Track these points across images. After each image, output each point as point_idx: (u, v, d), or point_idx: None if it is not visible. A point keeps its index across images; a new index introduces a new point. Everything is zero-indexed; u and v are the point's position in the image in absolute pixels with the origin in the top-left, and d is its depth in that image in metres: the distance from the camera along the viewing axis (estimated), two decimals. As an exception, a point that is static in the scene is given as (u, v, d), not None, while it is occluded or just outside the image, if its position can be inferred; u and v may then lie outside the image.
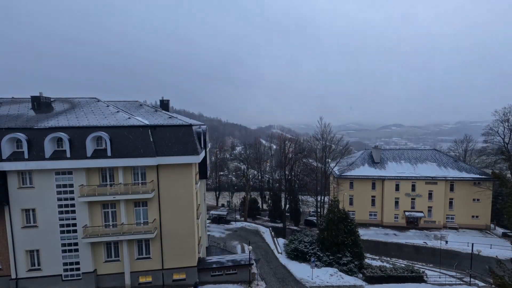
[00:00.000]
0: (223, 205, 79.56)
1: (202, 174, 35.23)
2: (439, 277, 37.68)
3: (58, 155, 26.22)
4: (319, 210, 59.15)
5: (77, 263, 27.97)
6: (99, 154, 26.91)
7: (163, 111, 34.19)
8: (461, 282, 36.77)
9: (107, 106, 31.65)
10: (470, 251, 38.34)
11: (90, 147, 26.56)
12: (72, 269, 27.97)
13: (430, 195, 60.54)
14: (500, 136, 60.61)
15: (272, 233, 51.40)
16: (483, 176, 59.27)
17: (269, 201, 71.46)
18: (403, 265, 39.01)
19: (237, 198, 78.28)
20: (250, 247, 34.62)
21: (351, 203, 63.76)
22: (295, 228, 61.59)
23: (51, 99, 32.38)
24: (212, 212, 61.91)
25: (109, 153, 26.91)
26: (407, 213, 60.66)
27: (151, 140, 27.91)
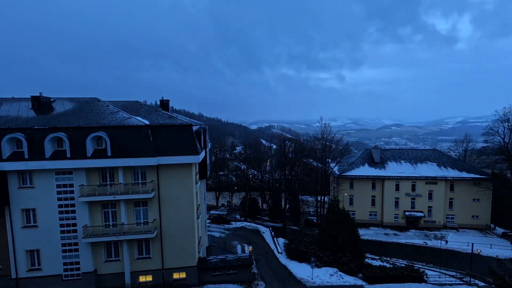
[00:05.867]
0: (223, 205, 79.52)
1: (202, 174, 35.23)
2: (439, 277, 37.75)
3: (58, 155, 26.21)
4: (319, 210, 59.20)
5: (77, 263, 27.97)
6: (99, 154, 26.89)
7: (163, 111, 34.18)
8: (461, 282, 36.80)
9: (107, 106, 31.66)
10: (470, 251, 38.40)
11: (90, 147, 26.54)
12: (72, 269, 27.97)
13: (430, 195, 60.54)
14: (500, 136, 60.61)
15: (272, 233, 51.38)
16: (483, 176, 59.26)
17: (269, 201, 71.46)
18: (403, 265, 39.03)
19: (237, 198, 78.22)
20: (250, 247, 34.65)
21: (351, 203, 63.72)
22: (295, 228, 61.57)
23: (51, 99, 32.40)
24: (212, 212, 61.92)
25: (109, 153, 26.90)
26: (407, 213, 60.66)
27: (151, 140, 27.90)
